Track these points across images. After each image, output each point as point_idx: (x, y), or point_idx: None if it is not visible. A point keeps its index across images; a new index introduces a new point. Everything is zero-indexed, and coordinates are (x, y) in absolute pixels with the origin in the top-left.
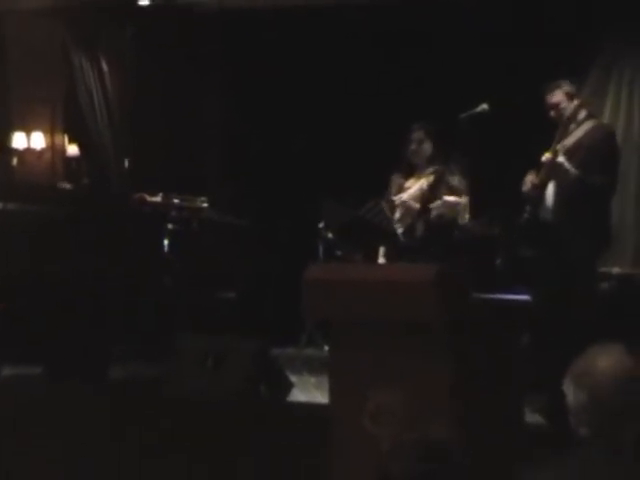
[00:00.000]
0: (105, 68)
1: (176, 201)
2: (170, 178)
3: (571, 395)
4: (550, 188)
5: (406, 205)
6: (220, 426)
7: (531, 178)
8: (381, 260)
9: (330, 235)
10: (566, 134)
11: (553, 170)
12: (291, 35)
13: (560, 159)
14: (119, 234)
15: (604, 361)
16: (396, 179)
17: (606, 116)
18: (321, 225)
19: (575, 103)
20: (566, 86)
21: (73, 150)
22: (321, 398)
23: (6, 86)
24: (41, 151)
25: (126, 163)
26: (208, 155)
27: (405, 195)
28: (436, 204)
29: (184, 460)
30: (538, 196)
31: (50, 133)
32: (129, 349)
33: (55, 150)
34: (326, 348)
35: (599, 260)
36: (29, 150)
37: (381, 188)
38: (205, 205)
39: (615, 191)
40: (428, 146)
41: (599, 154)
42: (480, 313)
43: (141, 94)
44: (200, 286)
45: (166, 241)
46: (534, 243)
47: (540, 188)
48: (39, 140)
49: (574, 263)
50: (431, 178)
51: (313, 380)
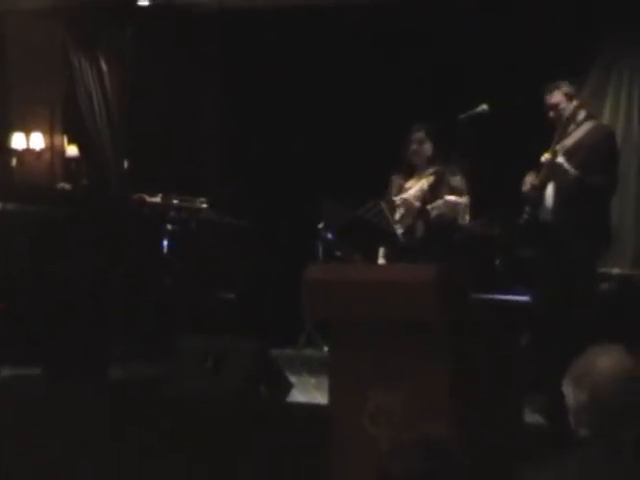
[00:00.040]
0: (104, 68)
1: (175, 201)
2: (169, 178)
3: (571, 395)
4: (550, 188)
5: (407, 203)
6: (220, 426)
7: (531, 178)
8: (381, 260)
9: (330, 235)
10: (565, 135)
11: (553, 170)
12: (291, 35)
13: (560, 159)
14: (119, 234)
15: (604, 361)
16: (396, 179)
17: (605, 116)
18: (321, 225)
19: (574, 104)
20: (565, 87)
21: (72, 151)
22: (321, 399)
23: (6, 86)
24: (40, 152)
25: (125, 163)
26: (208, 155)
27: (406, 195)
28: (437, 203)
29: (184, 460)
30: (538, 196)
31: (49, 134)
32: (129, 349)
33: (54, 151)
34: (325, 348)
35: (599, 260)
36: (28, 151)
37: (381, 188)
38: (204, 205)
39: (615, 191)
40: (428, 146)
41: (599, 154)
42: (480, 313)
43: (141, 94)
44: (200, 286)
45: (166, 241)
46: (534, 243)
47: (540, 188)
48: (38, 141)
49: (574, 263)
50: (431, 178)
51: (313, 380)
